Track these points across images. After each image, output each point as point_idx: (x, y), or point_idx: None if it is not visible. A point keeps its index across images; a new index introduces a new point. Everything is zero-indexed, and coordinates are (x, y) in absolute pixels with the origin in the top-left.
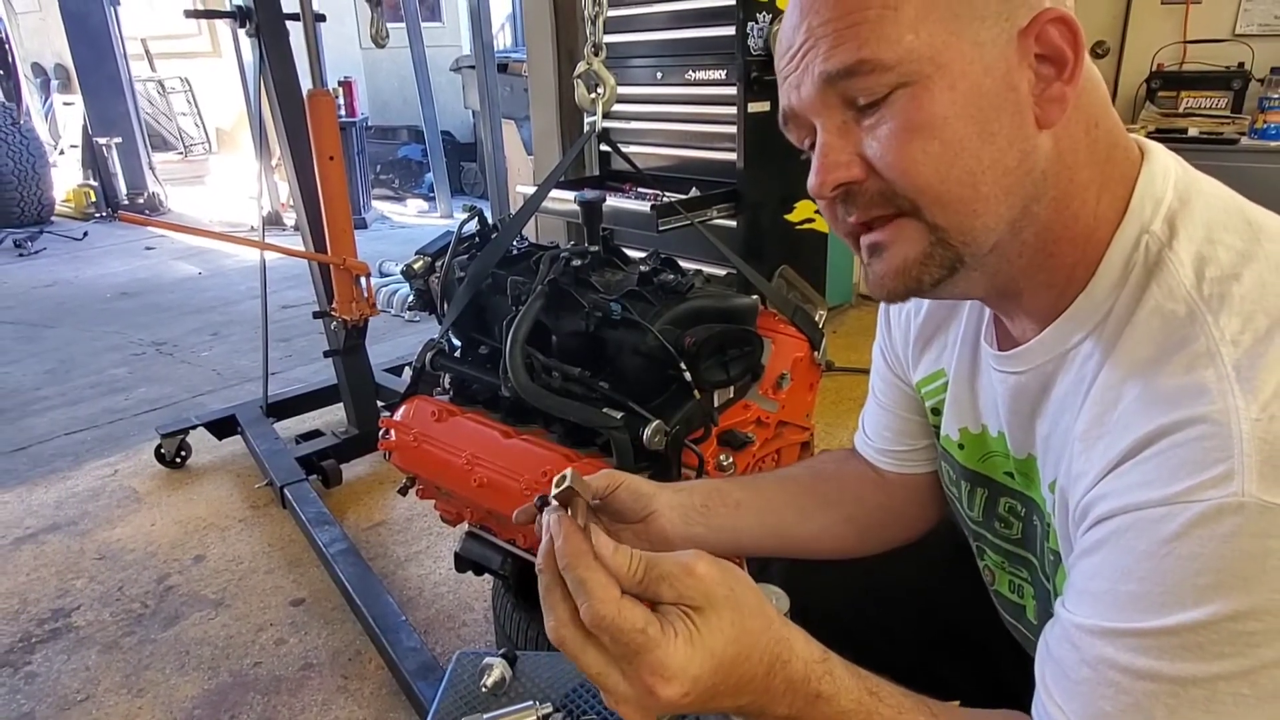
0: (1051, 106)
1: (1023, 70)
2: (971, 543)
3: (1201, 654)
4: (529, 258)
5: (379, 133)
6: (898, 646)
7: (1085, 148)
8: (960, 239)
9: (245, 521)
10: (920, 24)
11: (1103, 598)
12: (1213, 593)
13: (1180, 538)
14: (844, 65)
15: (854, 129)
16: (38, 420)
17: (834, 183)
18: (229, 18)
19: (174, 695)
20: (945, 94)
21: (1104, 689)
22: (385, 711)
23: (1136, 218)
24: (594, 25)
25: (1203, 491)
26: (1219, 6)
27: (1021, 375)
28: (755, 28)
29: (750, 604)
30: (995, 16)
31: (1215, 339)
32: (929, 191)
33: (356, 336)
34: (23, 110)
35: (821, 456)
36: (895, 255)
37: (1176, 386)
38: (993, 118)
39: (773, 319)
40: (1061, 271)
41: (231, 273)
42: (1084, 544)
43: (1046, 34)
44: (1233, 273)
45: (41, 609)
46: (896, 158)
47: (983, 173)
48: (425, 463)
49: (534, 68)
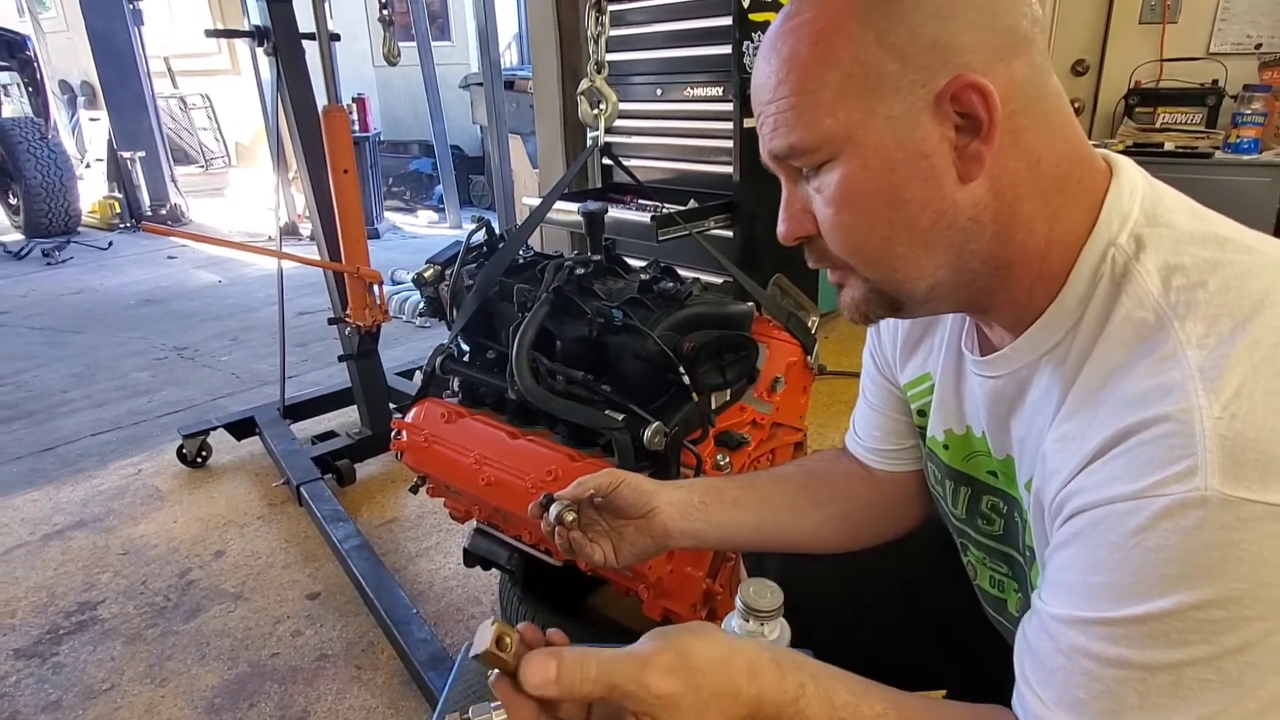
0: (971, 164)
1: (943, 130)
2: (956, 539)
3: (1168, 641)
4: (534, 266)
5: (391, 147)
6: (886, 638)
7: (1027, 183)
8: (891, 289)
9: (263, 518)
10: (838, 105)
11: (1075, 589)
12: (1179, 583)
13: (1147, 530)
14: (780, 149)
15: (804, 188)
16: (65, 422)
17: (792, 236)
18: (248, 37)
19: (195, 684)
20: (859, 170)
21: (1078, 676)
22: (397, 700)
23: (1104, 233)
24: (597, 44)
25: (1167, 486)
26: (1194, 26)
27: (998, 380)
28: (750, 47)
29: (714, 688)
30: (910, 86)
31: (1181, 342)
32: (852, 256)
33: (370, 342)
34: (51, 125)
35: (814, 456)
36: (847, 295)
37: (1144, 389)
38: (904, 187)
39: (767, 325)
40: (1021, 289)
41: (250, 281)
42: (1058, 538)
43: (961, 98)
44: (1199, 280)
45: (68, 602)
46: (826, 226)
47: (896, 237)
48: (435, 462)
49: (539, 85)
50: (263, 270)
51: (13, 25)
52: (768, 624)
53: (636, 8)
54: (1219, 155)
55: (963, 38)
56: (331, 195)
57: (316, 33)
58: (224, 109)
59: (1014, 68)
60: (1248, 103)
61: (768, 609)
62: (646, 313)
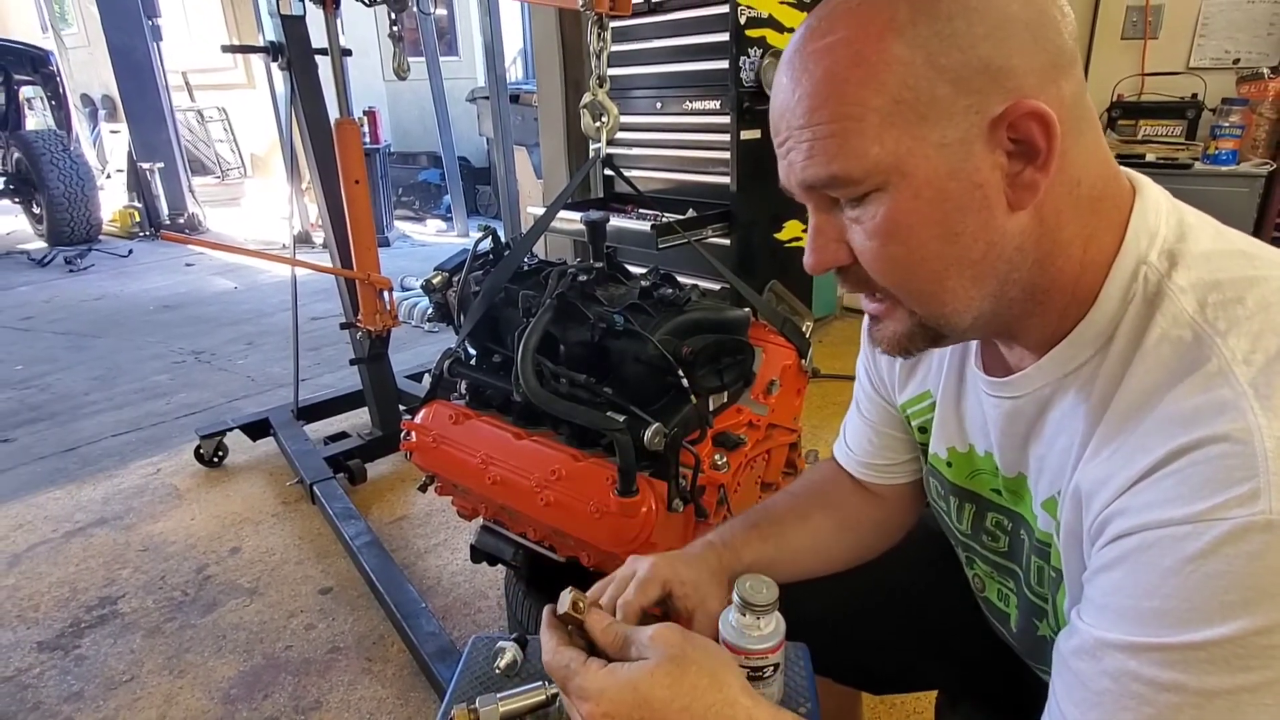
0: (1024, 192)
1: (995, 157)
2: (960, 553)
3: (1227, 667)
4: (539, 273)
5: (401, 158)
6: (877, 640)
7: (1069, 207)
8: (936, 323)
9: (278, 516)
10: (885, 132)
11: (1125, 613)
12: (1240, 609)
13: (1207, 555)
14: (817, 179)
15: (839, 216)
16: (87, 423)
17: (824, 267)
18: (263, 52)
19: (212, 676)
20: (910, 202)
21: (1126, 700)
22: (406, 691)
23: (1133, 251)
24: (599, 59)
25: (1229, 510)
26: (1174, 42)
27: (1018, 400)
28: (747, 62)
29: (703, 666)
30: (965, 111)
31: (1227, 359)
32: (900, 289)
33: (380, 346)
34: (73, 137)
35: (823, 478)
36: (887, 329)
37: (1193, 406)
38: (956, 219)
39: (763, 330)
40: (1054, 312)
41: (265, 287)
42: (1101, 559)
43: (1020, 126)
44: (1235, 297)
45: (90, 597)
46: (871, 258)
47: (946, 270)
48: (443, 462)
49: (543, 98)
50: (277, 277)
51: (36, 41)
52: (763, 618)
53: (637, 24)
54: (1198, 166)
55: (1015, 60)
56: (343, 205)
57: (329, 48)
58: (240, 122)
59: (1063, 89)
60: (1226, 116)
61: (763, 603)
62: (647, 318)
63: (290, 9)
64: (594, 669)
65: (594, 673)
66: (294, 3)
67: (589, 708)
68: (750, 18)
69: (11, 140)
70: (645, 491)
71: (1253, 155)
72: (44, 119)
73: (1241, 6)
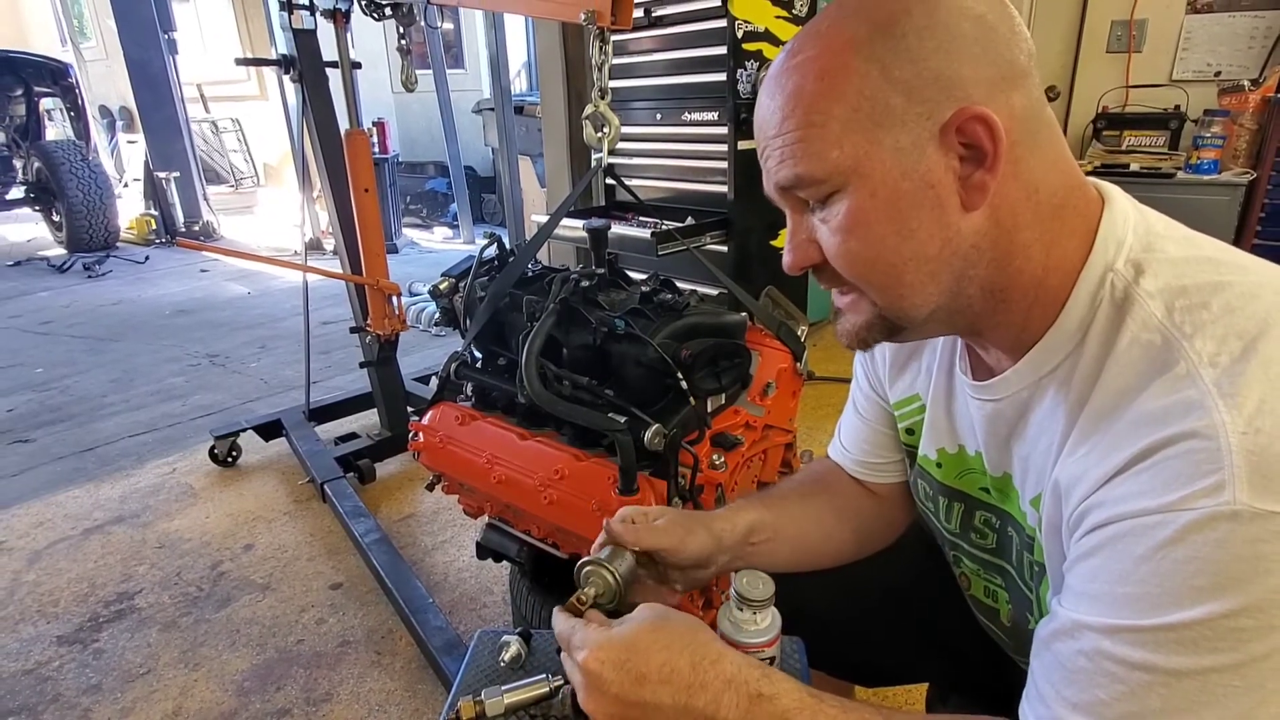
0: (975, 193)
1: (947, 160)
2: (947, 551)
3: (1196, 649)
4: (542, 279)
5: (409, 168)
6: (876, 641)
7: (1026, 212)
8: (894, 315)
9: (290, 514)
10: (845, 137)
11: (1101, 598)
12: (1208, 593)
13: (1176, 543)
14: (786, 180)
15: (810, 217)
16: (105, 424)
17: (799, 266)
18: (275, 65)
19: (226, 669)
20: (867, 200)
21: (1100, 678)
22: (414, 683)
23: (1100, 258)
24: (600, 72)
25: (1196, 500)
26: (1158, 55)
27: (999, 402)
28: (744, 74)
29: (679, 624)
30: (917, 118)
31: (1194, 361)
32: (862, 281)
33: (389, 349)
34: (91, 147)
35: (824, 470)
36: (848, 321)
37: (1163, 407)
38: (911, 216)
39: (760, 334)
40: (1017, 313)
41: (277, 292)
42: (1080, 549)
43: (967, 129)
44: (1200, 302)
45: (108, 592)
46: (835, 253)
47: (903, 264)
48: (450, 462)
49: (547, 109)
50: (289, 283)
51: (56, 54)
52: (760, 613)
53: (638, 38)
54: (1181, 175)
55: (964, 71)
56: (353, 212)
57: (339, 61)
58: (253, 132)
59: (1013, 100)
60: (1208, 126)
61: (760, 598)
62: (647, 322)
63: (302, 23)
64: (591, 627)
65: (590, 629)
66: (306, 17)
67: (583, 655)
68: (747, 31)
69: (32, 150)
70: (645, 490)
71: (1234, 165)
72: (63, 130)
73: (1223, 21)
